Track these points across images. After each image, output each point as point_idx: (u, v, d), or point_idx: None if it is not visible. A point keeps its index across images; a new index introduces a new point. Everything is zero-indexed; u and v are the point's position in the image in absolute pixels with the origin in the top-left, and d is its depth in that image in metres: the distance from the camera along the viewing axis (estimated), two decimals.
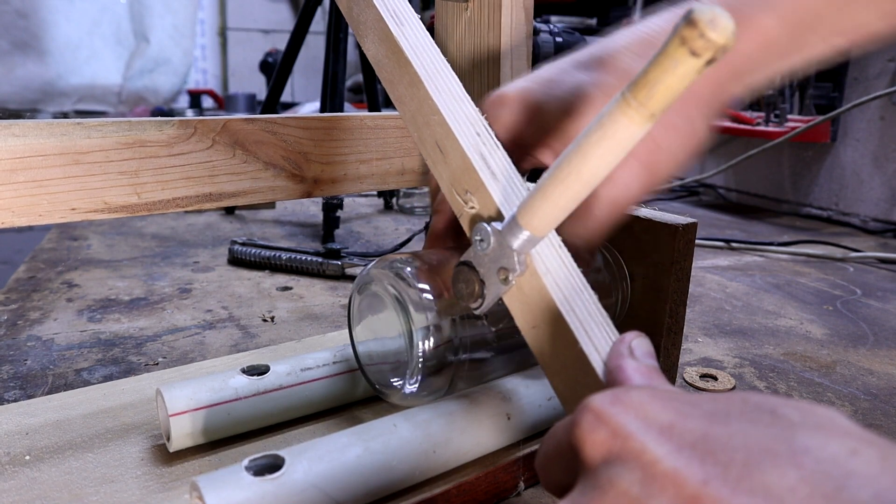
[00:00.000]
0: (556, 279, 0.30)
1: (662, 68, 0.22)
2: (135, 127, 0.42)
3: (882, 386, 0.64)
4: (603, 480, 0.21)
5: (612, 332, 0.30)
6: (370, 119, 0.53)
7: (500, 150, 0.35)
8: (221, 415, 0.42)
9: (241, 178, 0.47)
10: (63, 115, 2.62)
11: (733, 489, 0.18)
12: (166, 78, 2.82)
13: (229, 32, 3.06)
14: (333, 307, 0.80)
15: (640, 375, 0.26)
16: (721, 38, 0.20)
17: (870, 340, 0.76)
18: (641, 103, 0.23)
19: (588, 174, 0.26)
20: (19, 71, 2.51)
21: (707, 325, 0.79)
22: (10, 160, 0.38)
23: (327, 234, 1.10)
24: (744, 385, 0.63)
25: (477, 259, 0.32)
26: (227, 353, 0.66)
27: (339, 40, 1.14)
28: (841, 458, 0.18)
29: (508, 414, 0.43)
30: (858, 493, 0.17)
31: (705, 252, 1.16)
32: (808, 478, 0.18)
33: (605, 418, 0.22)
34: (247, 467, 0.34)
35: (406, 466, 0.38)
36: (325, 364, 0.47)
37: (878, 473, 0.18)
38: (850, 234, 1.35)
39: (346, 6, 0.43)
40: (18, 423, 0.45)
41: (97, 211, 0.42)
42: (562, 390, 0.31)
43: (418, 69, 0.37)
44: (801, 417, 0.20)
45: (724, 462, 0.19)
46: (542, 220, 0.28)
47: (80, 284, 0.86)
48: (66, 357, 0.64)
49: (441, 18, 0.57)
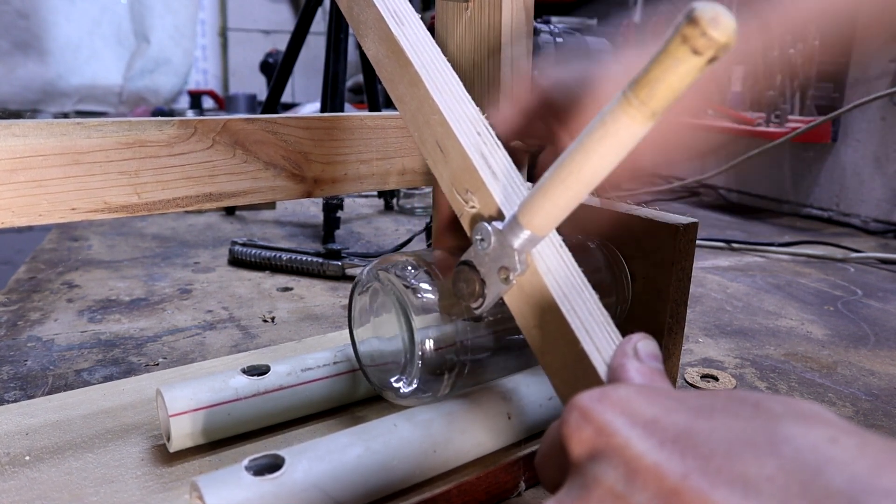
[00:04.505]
0: (556, 278, 0.30)
1: (664, 67, 0.22)
2: (135, 127, 0.42)
3: (883, 386, 0.64)
4: (588, 478, 0.21)
5: (612, 332, 0.30)
6: (371, 119, 0.53)
7: (500, 150, 0.35)
8: (221, 415, 0.42)
9: (242, 178, 0.47)
10: (63, 115, 2.62)
11: (712, 481, 0.18)
12: (167, 78, 2.82)
13: (230, 33, 3.06)
14: (334, 308, 0.80)
15: (642, 376, 0.26)
16: (723, 37, 0.20)
17: (871, 341, 0.76)
18: (643, 102, 0.23)
19: (589, 173, 0.26)
20: (20, 71, 2.51)
21: (708, 326, 0.79)
22: (10, 160, 0.38)
23: (328, 234, 1.10)
24: (745, 385, 0.63)
25: (478, 258, 0.32)
26: (227, 353, 0.66)
27: (340, 40, 1.14)
28: (819, 446, 0.18)
29: (509, 413, 0.43)
30: (834, 479, 0.17)
31: (706, 252, 1.16)
32: (787, 466, 0.18)
33: (591, 415, 0.22)
34: (247, 467, 0.34)
35: (406, 466, 0.38)
36: (325, 364, 0.47)
37: (855, 459, 0.18)
38: (851, 234, 1.35)
39: (347, 6, 0.43)
40: (18, 423, 0.45)
41: (97, 211, 0.42)
42: (562, 389, 0.31)
43: (419, 69, 0.36)
44: (784, 409, 0.20)
45: (705, 455, 0.19)
46: (543, 219, 0.28)
47: (80, 285, 0.86)
48: (66, 357, 0.64)
49: (441, 18, 0.57)
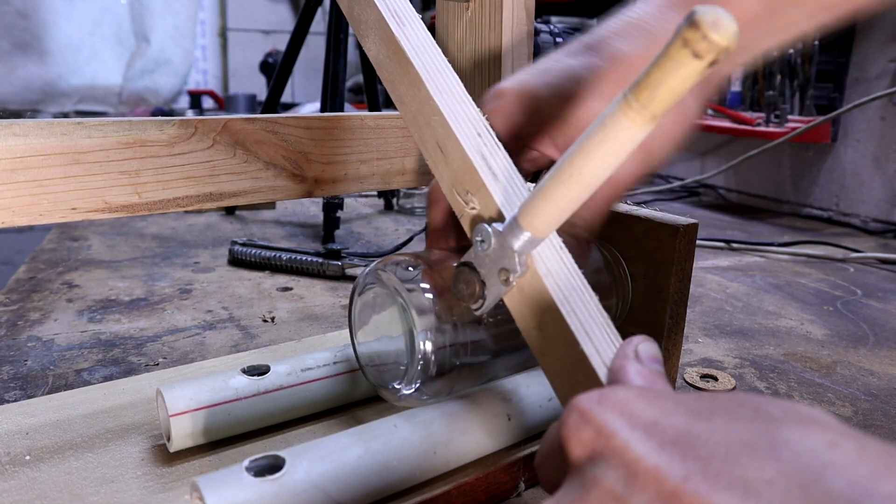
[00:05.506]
0: (556, 280, 0.30)
1: (664, 70, 0.22)
2: (135, 127, 0.42)
3: (882, 386, 0.64)
4: (587, 479, 0.21)
5: (612, 334, 0.30)
6: (371, 119, 0.53)
7: (501, 151, 0.35)
8: (222, 415, 0.42)
9: (242, 178, 0.47)
10: (64, 115, 2.62)
11: (712, 485, 0.18)
12: (167, 78, 2.82)
13: (230, 33, 3.06)
14: (334, 308, 0.80)
15: (642, 378, 0.26)
16: (724, 40, 0.20)
17: (870, 341, 0.76)
18: (643, 105, 0.23)
19: (589, 176, 0.26)
20: (20, 71, 2.51)
21: (707, 326, 0.79)
22: (10, 160, 0.38)
23: (328, 234, 1.10)
24: (744, 385, 0.63)
25: (478, 260, 0.32)
26: (227, 353, 0.66)
27: (340, 40, 1.14)
28: (819, 450, 0.18)
29: (509, 414, 0.43)
30: (834, 483, 0.17)
31: (706, 252, 1.16)
32: (786, 470, 0.18)
33: (590, 417, 0.22)
34: (247, 468, 0.34)
35: (407, 467, 0.38)
36: (325, 364, 0.47)
37: (855, 463, 0.18)
38: (851, 234, 1.35)
39: (347, 6, 0.43)
40: (18, 423, 0.45)
41: (97, 211, 0.42)
42: (562, 391, 0.31)
43: (419, 69, 0.36)
44: (784, 413, 0.20)
45: (704, 458, 0.19)
46: (543, 221, 0.28)
47: (80, 285, 0.86)
48: (66, 357, 0.64)
49: (442, 18, 0.57)
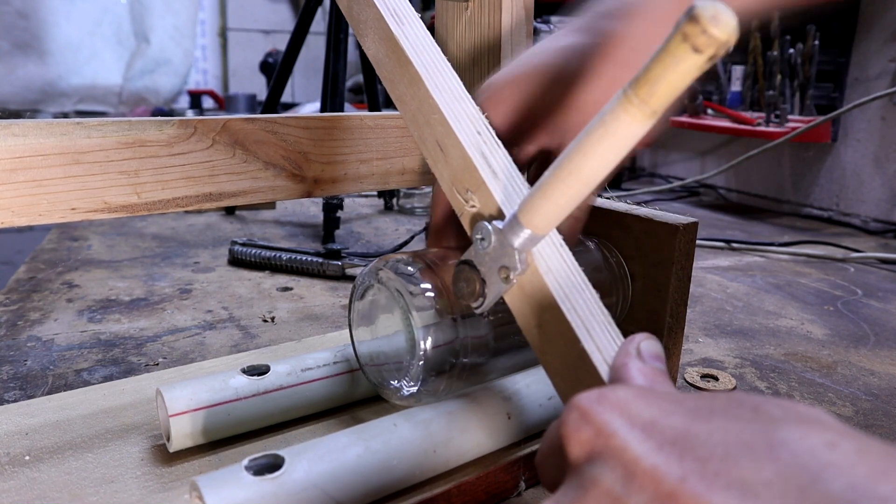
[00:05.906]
0: (557, 278, 0.30)
1: (664, 65, 0.21)
2: (135, 127, 0.42)
3: (883, 386, 0.64)
4: (586, 479, 0.21)
5: (613, 331, 0.29)
6: (370, 119, 0.53)
7: (500, 149, 0.35)
8: (221, 415, 0.42)
9: (242, 178, 0.47)
10: (63, 115, 2.62)
11: (710, 485, 0.18)
12: (167, 78, 2.82)
13: (230, 33, 3.06)
14: (334, 307, 0.80)
15: (644, 376, 0.25)
16: (723, 35, 0.20)
17: (871, 341, 0.76)
18: (643, 101, 0.23)
19: (589, 172, 0.26)
20: (20, 71, 2.51)
21: (708, 326, 0.79)
22: (10, 160, 0.38)
23: (327, 234, 1.10)
24: (745, 385, 0.63)
25: (478, 258, 0.32)
26: (227, 353, 0.66)
27: (340, 40, 1.14)
28: (818, 451, 0.18)
29: (509, 413, 0.43)
30: (832, 484, 0.17)
31: (706, 252, 1.16)
32: (784, 471, 0.18)
33: (590, 416, 0.22)
34: (247, 467, 0.34)
35: (406, 466, 0.38)
36: (325, 364, 0.47)
37: (854, 464, 0.18)
38: (851, 234, 1.35)
39: (347, 5, 0.42)
40: (18, 423, 0.45)
41: (97, 211, 0.42)
42: (563, 389, 0.31)
43: (419, 68, 0.36)
44: (783, 413, 0.20)
45: (702, 458, 0.19)
46: (543, 218, 0.28)
47: (80, 285, 0.86)
48: (66, 357, 0.64)
49: (441, 18, 0.57)
